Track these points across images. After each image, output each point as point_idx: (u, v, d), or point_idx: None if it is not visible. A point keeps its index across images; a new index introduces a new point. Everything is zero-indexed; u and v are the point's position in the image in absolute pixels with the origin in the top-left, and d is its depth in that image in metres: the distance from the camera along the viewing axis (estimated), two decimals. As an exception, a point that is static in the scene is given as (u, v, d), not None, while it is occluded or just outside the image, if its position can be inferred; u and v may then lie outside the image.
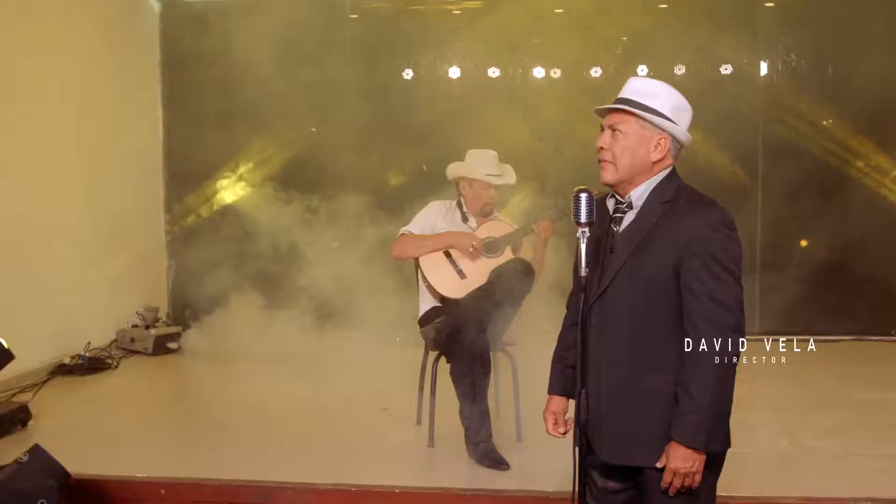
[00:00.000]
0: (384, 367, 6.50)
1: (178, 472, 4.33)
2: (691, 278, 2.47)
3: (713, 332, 2.44)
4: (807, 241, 7.92)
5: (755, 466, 4.34)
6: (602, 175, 2.63)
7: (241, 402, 5.75)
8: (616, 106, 2.61)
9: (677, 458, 2.45)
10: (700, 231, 2.48)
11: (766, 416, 5.23)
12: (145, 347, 7.28)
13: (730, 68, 7.86)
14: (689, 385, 2.45)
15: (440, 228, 4.80)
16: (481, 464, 4.35)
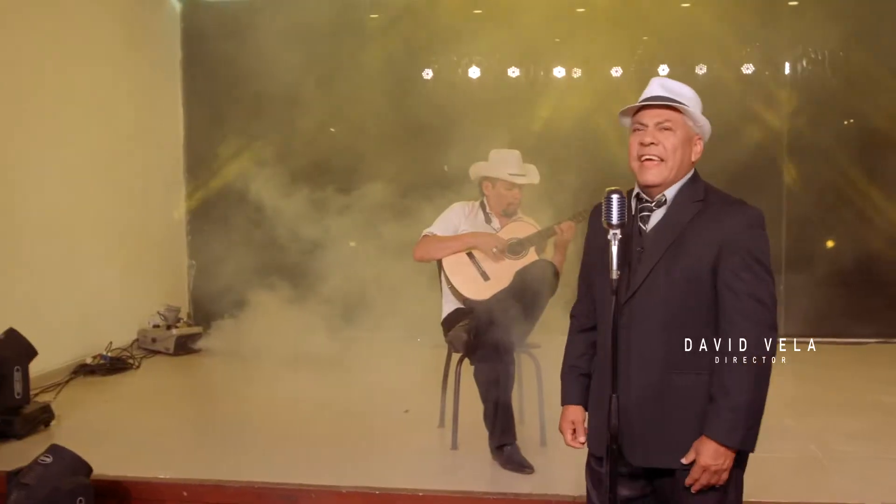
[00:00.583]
0: (405, 368, 6.48)
1: (200, 474, 4.31)
2: (732, 276, 2.46)
3: (753, 331, 2.43)
4: (833, 243, 7.82)
5: (783, 470, 4.28)
6: (646, 174, 2.56)
7: (262, 403, 5.74)
8: (672, 102, 2.55)
9: (708, 455, 2.43)
10: (740, 230, 2.47)
11: (793, 420, 5.16)
12: (167, 347, 7.29)
13: (751, 67, 7.79)
14: (727, 383, 2.43)
15: (463, 229, 4.76)
16: (505, 467, 4.30)
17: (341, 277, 7.45)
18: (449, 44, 8.08)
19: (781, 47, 7.82)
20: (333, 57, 7.92)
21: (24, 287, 5.91)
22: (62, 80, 6.51)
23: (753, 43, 7.80)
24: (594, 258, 2.69)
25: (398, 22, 8.11)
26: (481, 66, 8.14)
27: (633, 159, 2.59)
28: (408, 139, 7.94)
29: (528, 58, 8.08)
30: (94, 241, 6.88)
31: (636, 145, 2.57)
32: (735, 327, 2.44)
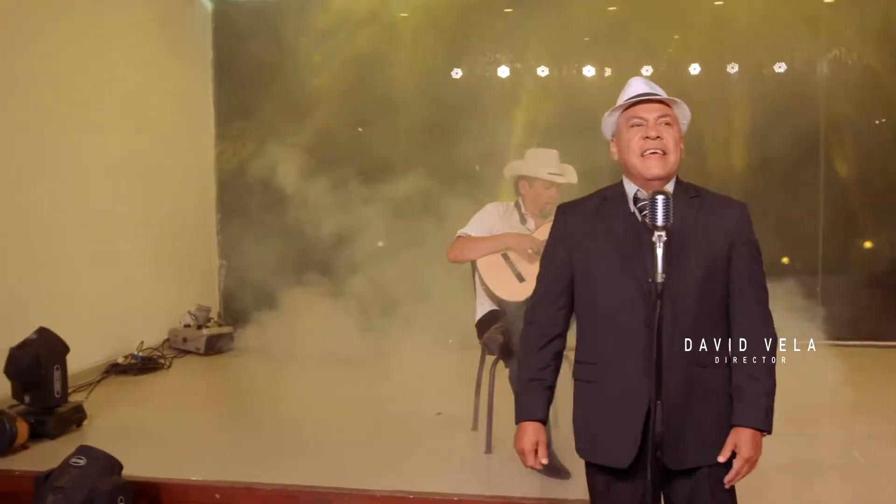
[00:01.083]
0: (436, 369, 6.41)
1: (231, 476, 4.28)
2: (744, 266, 2.52)
3: (767, 317, 2.53)
4: (871, 244, 7.68)
5: (827, 476, 4.19)
6: (652, 167, 2.54)
7: (294, 403, 5.71)
8: (668, 98, 2.60)
9: (750, 446, 2.42)
10: (744, 222, 2.56)
11: (835, 426, 5.05)
12: (197, 347, 7.29)
13: (784, 66, 7.67)
14: (755, 370, 2.45)
15: (498, 230, 4.70)
16: (541, 472, 4.23)
17: (372, 276, 7.44)
18: (479, 42, 8.03)
19: (817, 45, 7.68)
20: (364, 55, 7.88)
21: (56, 286, 5.92)
22: (95, 80, 6.51)
23: (787, 41, 7.66)
24: (582, 258, 2.63)
25: (429, 20, 8.05)
26: (510, 65, 8.06)
27: (632, 154, 2.57)
28: (438, 138, 7.86)
29: (559, 57, 8.00)
30: (125, 240, 6.89)
31: (638, 140, 2.56)
32: (753, 314, 2.51)
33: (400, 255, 7.39)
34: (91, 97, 6.46)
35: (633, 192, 2.61)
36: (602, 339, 2.58)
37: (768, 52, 7.67)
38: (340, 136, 8.05)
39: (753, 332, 2.49)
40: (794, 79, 7.66)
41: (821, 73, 7.65)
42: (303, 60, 7.98)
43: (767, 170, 7.50)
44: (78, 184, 6.28)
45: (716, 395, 2.49)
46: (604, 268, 2.57)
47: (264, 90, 8.10)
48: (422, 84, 8.00)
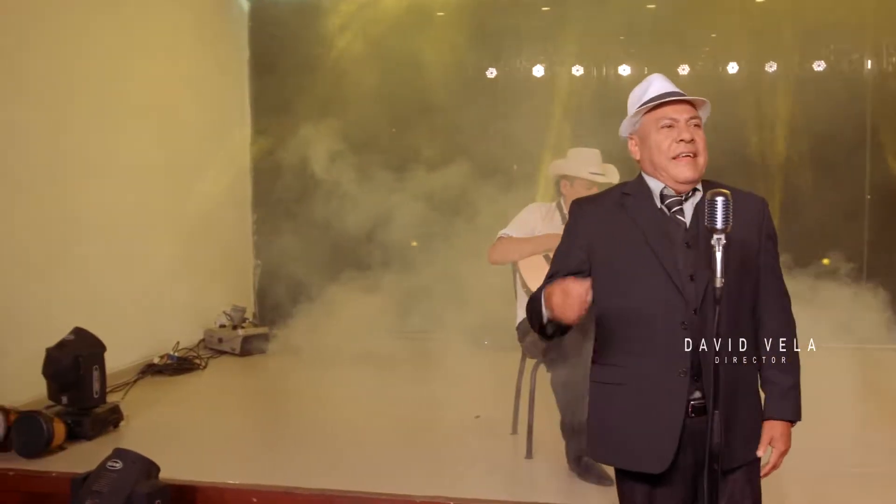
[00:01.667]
0: (473, 371, 6.36)
1: (269, 479, 4.23)
2: (770, 258, 2.54)
3: (789, 309, 2.55)
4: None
5: (873, 485, 4.06)
6: (684, 170, 2.47)
7: (330, 405, 5.66)
8: (695, 98, 2.54)
9: (785, 438, 2.45)
10: (767, 216, 2.55)
11: (882, 432, 4.91)
12: (233, 348, 7.26)
13: (823, 65, 7.54)
14: (786, 362, 2.47)
15: (539, 231, 4.61)
16: (583, 478, 4.15)
17: (407, 275, 7.40)
18: (514, 41, 7.98)
19: (858, 44, 7.54)
20: (401, 54, 7.82)
21: (91, 286, 5.90)
22: (130, 79, 6.49)
23: (826, 39, 7.55)
24: (605, 256, 2.54)
25: (464, 20, 7.98)
26: (545, 64, 8.00)
27: (663, 157, 2.49)
28: (474, 137, 7.77)
29: (594, 56, 7.94)
30: (160, 240, 6.87)
31: (671, 142, 2.48)
32: (778, 308, 2.52)
33: (436, 254, 7.35)
34: (124, 96, 6.43)
35: (658, 189, 2.54)
36: (632, 340, 2.48)
37: (808, 50, 7.54)
38: (376, 134, 7.96)
39: (780, 325, 2.50)
40: (833, 77, 7.53)
41: (866, 70, 7.49)
42: (339, 58, 7.95)
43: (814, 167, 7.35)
44: (111, 184, 6.26)
45: (751, 391, 2.50)
46: (635, 266, 2.48)
47: (301, 88, 8.05)
48: (457, 83, 7.94)
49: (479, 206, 7.24)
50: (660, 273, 2.43)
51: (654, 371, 2.43)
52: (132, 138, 6.51)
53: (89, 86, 6.05)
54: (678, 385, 2.40)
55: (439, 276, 7.30)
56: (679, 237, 2.47)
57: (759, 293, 2.51)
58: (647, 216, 2.51)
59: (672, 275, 2.42)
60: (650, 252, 2.45)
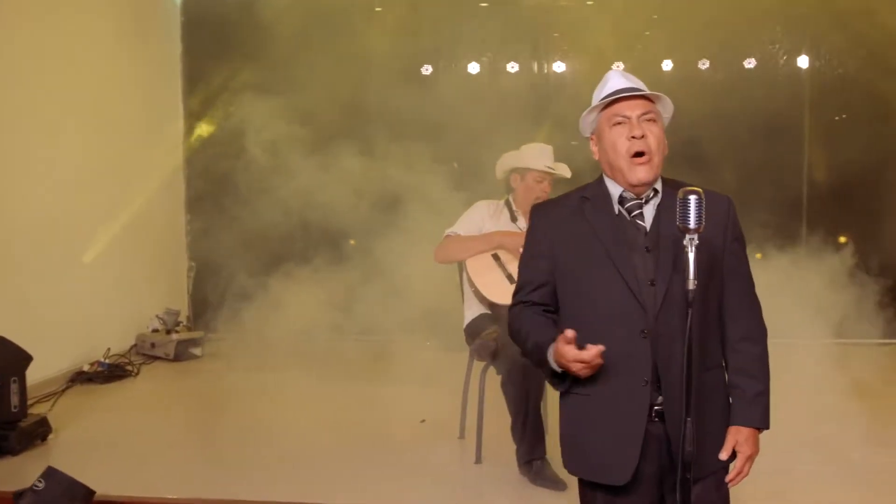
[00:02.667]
0: (416, 373, 6.30)
1: (208, 493, 4.06)
2: (737, 261, 2.44)
3: (758, 312, 2.46)
4: (845, 239, 7.58)
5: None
6: (638, 174, 2.37)
7: (270, 412, 5.50)
8: (650, 93, 2.43)
9: (751, 444, 2.36)
10: (733, 216, 2.44)
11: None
12: (166, 353, 7.01)
13: (753, 62, 7.68)
14: (753, 368, 2.40)
15: (487, 229, 4.51)
16: (536, 483, 4.06)
17: (349, 276, 7.28)
18: (450, 39, 7.91)
19: (790, 40, 7.66)
20: (336, 49, 7.68)
21: (17, 291, 5.63)
22: (57, 75, 6.22)
23: (763, 35, 7.66)
24: (566, 263, 2.45)
25: (402, 15, 7.86)
26: (481, 61, 7.96)
27: (619, 156, 2.40)
28: (412, 134, 7.65)
29: (530, 53, 7.93)
30: (90, 242, 6.61)
31: (623, 140, 2.39)
32: (748, 312, 2.44)
33: (377, 252, 7.24)
34: (51, 93, 6.14)
35: (618, 193, 2.45)
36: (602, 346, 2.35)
37: (740, 48, 7.65)
38: (313, 130, 7.73)
39: (747, 330, 2.42)
40: (764, 74, 7.66)
41: (797, 67, 7.62)
42: (274, 53, 7.75)
43: (748, 166, 7.40)
44: (37, 185, 5.98)
45: (719, 398, 2.42)
46: (593, 274, 2.39)
47: (235, 84, 7.85)
48: (394, 79, 7.80)
49: (420, 204, 7.15)
50: (618, 280, 2.35)
51: (617, 381, 2.35)
52: (60, 138, 6.24)
53: (15, 85, 5.77)
54: (640, 395, 2.33)
55: (381, 274, 7.20)
56: (639, 242, 2.39)
57: (725, 297, 2.42)
58: (606, 222, 2.42)
59: (630, 282, 2.34)
60: (608, 259, 2.37)
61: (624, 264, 2.35)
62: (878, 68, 7.42)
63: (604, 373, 2.33)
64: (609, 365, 2.31)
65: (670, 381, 2.30)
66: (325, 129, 7.72)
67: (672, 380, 2.29)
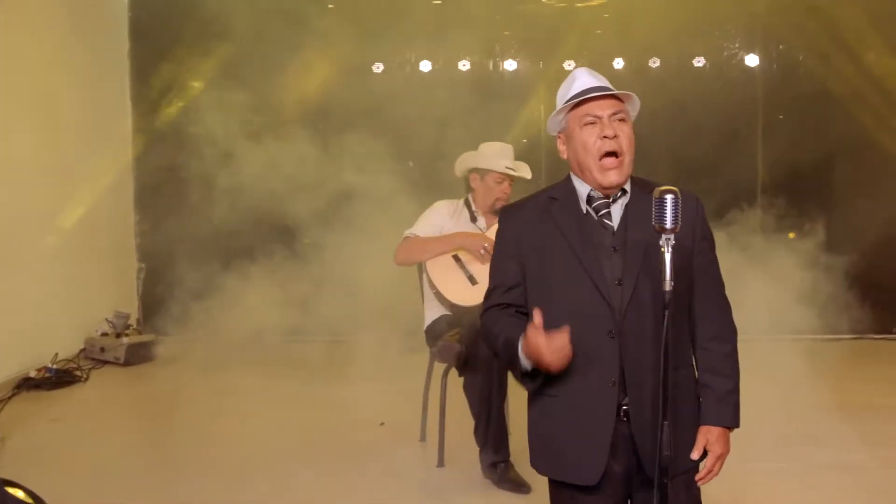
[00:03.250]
0: (375, 375, 6.23)
1: (163, 501, 3.99)
2: (706, 261, 2.43)
3: (728, 311, 2.45)
4: (795, 234, 7.65)
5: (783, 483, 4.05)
6: (609, 177, 2.36)
7: (226, 417, 5.38)
8: (619, 92, 2.41)
9: (722, 443, 2.35)
10: (701, 215, 2.43)
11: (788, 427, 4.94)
12: (116, 357, 6.83)
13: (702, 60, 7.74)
14: (723, 367, 2.39)
15: (447, 229, 4.44)
16: (500, 486, 4.02)
17: (304, 276, 7.19)
18: (402, 37, 7.83)
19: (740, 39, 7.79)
20: (288, 46, 7.57)
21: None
22: (3, 74, 6.04)
23: (708, 35, 7.75)
24: (535, 265, 2.43)
25: (355, 13, 7.79)
26: (433, 59, 7.93)
27: (589, 156, 2.38)
28: (366, 132, 7.56)
29: (481, 51, 7.92)
30: (37, 243, 6.45)
31: (594, 139, 2.37)
32: (717, 311, 2.43)
33: (333, 252, 7.17)
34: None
35: (585, 192, 2.43)
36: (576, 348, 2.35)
37: (688, 46, 7.72)
38: (264, 126, 7.63)
39: (717, 329, 2.41)
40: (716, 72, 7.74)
41: (753, 62, 7.70)
42: (223, 49, 7.62)
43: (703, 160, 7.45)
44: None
45: (689, 397, 2.40)
46: (560, 275, 2.38)
47: (183, 80, 7.76)
48: (346, 77, 7.79)
49: (376, 202, 7.10)
50: (585, 280, 2.33)
51: (585, 382, 2.34)
52: (4, 137, 6.06)
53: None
54: (608, 395, 2.33)
55: (336, 274, 7.13)
56: (606, 241, 2.37)
57: (694, 296, 2.41)
58: (573, 221, 2.40)
59: (598, 282, 2.32)
60: (575, 259, 2.35)
61: (591, 264, 2.33)
62: (827, 66, 7.55)
63: (572, 373, 2.32)
64: (577, 365, 2.30)
65: (636, 381, 2.30)
66: (277, 127, 7.64)
67: (638, 380, 2.30)
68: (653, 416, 2.25)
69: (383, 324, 7.08)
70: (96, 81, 7.45)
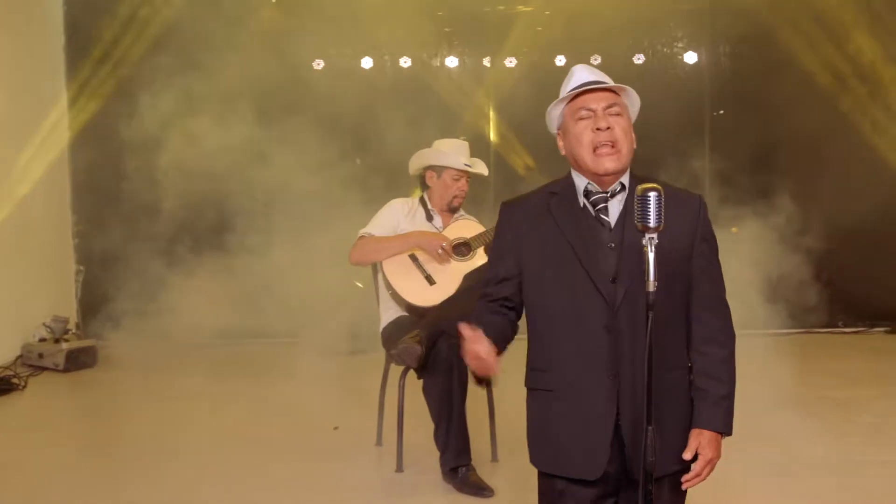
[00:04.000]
0: (323, 377, 6.12)
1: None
2: (707, 264, 2.41)
3: (727, 315, 2.42)
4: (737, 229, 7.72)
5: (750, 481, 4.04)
6: (605, 162, 2.35)
7: (173, 424, 5.20)
8: (615, 86, 2.41)
9: (713, 448, 2.32)
10: (703, 216, 2.41)
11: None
12: (56, 363, 6.59)
13: (642, 57, 7.82)
14: (718, 371, 2.37)
15: (403, 228, 4.34)
16: (462, 491, 3.94)
17: (252, 275, 7.05)
18: (343, 31, 7.73)
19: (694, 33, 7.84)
20: (229, 41, 7.38)
21: None
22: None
23: (650, 31, 7.81)
24: (532, 259, 2.43)
25: (295, 9, 7.67)
26: (374, 56, 7.86)
27: (583, 149, 2.37)
28: (307, 129, 7.42)
29: (421, 47, 7.85)
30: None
31: (589, 132, 2.37)
32: (715, 314, 2.40)
33: (278, 252, 7.05)
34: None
35: (583, 186, 2.42)
36: (557, 346, 2.38)
37: (629, 43, 7.77)
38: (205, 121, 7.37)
39: (713, 332, 2.39)
40: (656, 69, 7.82)
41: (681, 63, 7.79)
42: (162, 41, 7.42)
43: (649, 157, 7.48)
44: None
45: (681, 400, 2.39)
46: (557, 268, 2.37)
47: (121, 73, 7.54)
48: (286, 73, 7.64)
49: (323, 201, 7.02)
50: (581, 275, 2.32)
51: (582, 379, 2.34)
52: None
53: None
54: (606, 390, 2.32)
55: (282, 274, 7.00)
56: (603, 237, 2.36)
57: (692, 298, 2.39)
58: (570, 216, 2.39)
59: (594, 277, 2.31)
60: (572, 254, 2.34)
61: (586, 259, 2.33)
62: (770, 59, 7.66)
63: (568, 368, 2.35)
64: (573, 360, 2.34)
65: (626, 378, 2.30)
66: (217, 126, 7.40)
67: (628, 377, 2.30)
68: (640, 415, 2.21)
69: (329, 324, 7.00)
70: (30, 77, 7.20)
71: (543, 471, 2.45)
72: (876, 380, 6.11)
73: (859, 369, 6.44)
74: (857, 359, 6.79)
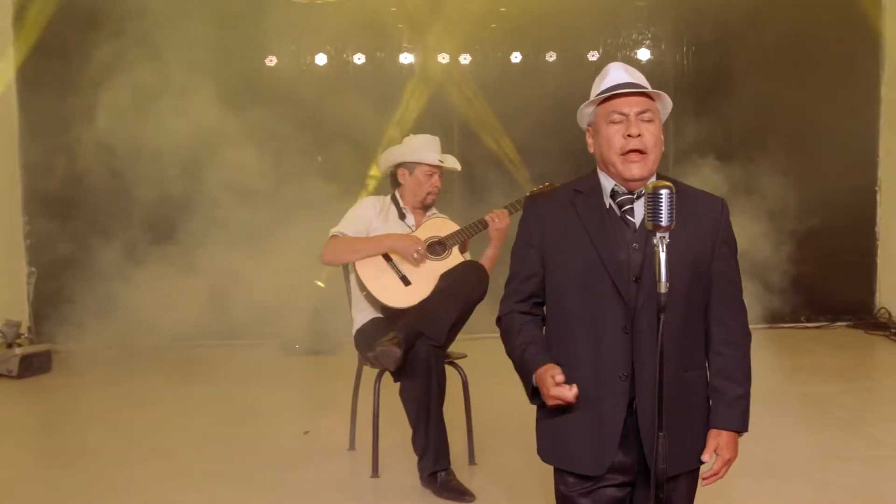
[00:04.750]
0: (289, 380, 5.99)
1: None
2: (726, 266, 2.43)
3: (744, 316, 2.46)
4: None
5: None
6: (632, 169, 2.36)
7: (132, 431, 5.02)
8: (649, 91, 2.40)
9: (731, 447, 2.38)
10: (725, 219, 2.44)
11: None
12: (9, 370, 6.36)
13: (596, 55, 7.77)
14: (734, 371, 2.40)
15: (375, 227, 4.23)
16: (442, 496, 3.84)
17: (207, 276, 6.90)
18: (297, 28, 7.66)
19: (633, 32, 7.88)
20: (182, 37, 7.17)
21: None
22: None
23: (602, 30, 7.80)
24: (555, 256, 2.45)
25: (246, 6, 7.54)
26: (328, 52, 7.75)
27: (612, 153, 2.38)
28: (267, 125, 7.28)
29: (375, 44, 7.78)
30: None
31: (619, 137, 2.37)
32: (732, 315, 2.43)
33: (239, 251, 6.93)
34: None
35: (610, 187, 2.44)
36: (575, 343, 2.41)
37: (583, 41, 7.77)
38: (162, 119, 7.16)
39: (730, 334, 2.43)
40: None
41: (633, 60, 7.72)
42: (117, 38, 7.19)
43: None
44: None
45: (696, 398, 2.43)
46: (579, 267, 2.40)
47: (73, 60, 7.29)
48: (241, 70, 7.59)
49: (286, 200, 6.90)
50: (603, 275, 2.35)
51: (597, 375, 2.37)
52: None
53: None
54: (619, 389, 2.35)
55: (243, 274, 6.86)
56: (627, 237, 2.38)
57: (711, 300, 2.42)
58: (595, 215, 2.41)
59: (615, 277, 2.34)
60: (594, 253, 2.36)
61: (609, 259, 2.35)
62: (726, 53, 7.77)
63: (582, 367, 2.36)
64: (588, 359, 2.37)
65: (644, 379, 2.32)
66: (171, 124, 7.21)
67: (646, 378, 2.31)
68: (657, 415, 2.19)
69: (290, 325, 6.88)
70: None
71: (550, 464, 2.48)
72: (843, 375, 6.17)
73: (826, 364, 6.49)
74: (822, 354, 6.85)
